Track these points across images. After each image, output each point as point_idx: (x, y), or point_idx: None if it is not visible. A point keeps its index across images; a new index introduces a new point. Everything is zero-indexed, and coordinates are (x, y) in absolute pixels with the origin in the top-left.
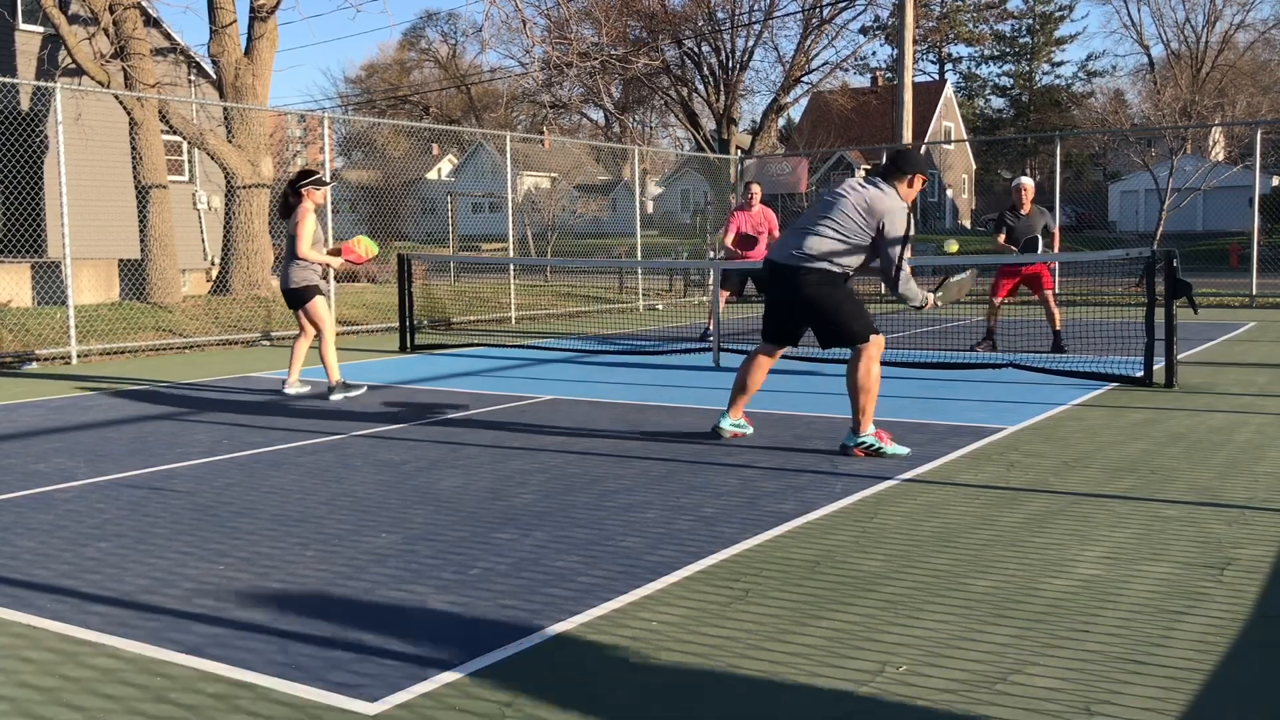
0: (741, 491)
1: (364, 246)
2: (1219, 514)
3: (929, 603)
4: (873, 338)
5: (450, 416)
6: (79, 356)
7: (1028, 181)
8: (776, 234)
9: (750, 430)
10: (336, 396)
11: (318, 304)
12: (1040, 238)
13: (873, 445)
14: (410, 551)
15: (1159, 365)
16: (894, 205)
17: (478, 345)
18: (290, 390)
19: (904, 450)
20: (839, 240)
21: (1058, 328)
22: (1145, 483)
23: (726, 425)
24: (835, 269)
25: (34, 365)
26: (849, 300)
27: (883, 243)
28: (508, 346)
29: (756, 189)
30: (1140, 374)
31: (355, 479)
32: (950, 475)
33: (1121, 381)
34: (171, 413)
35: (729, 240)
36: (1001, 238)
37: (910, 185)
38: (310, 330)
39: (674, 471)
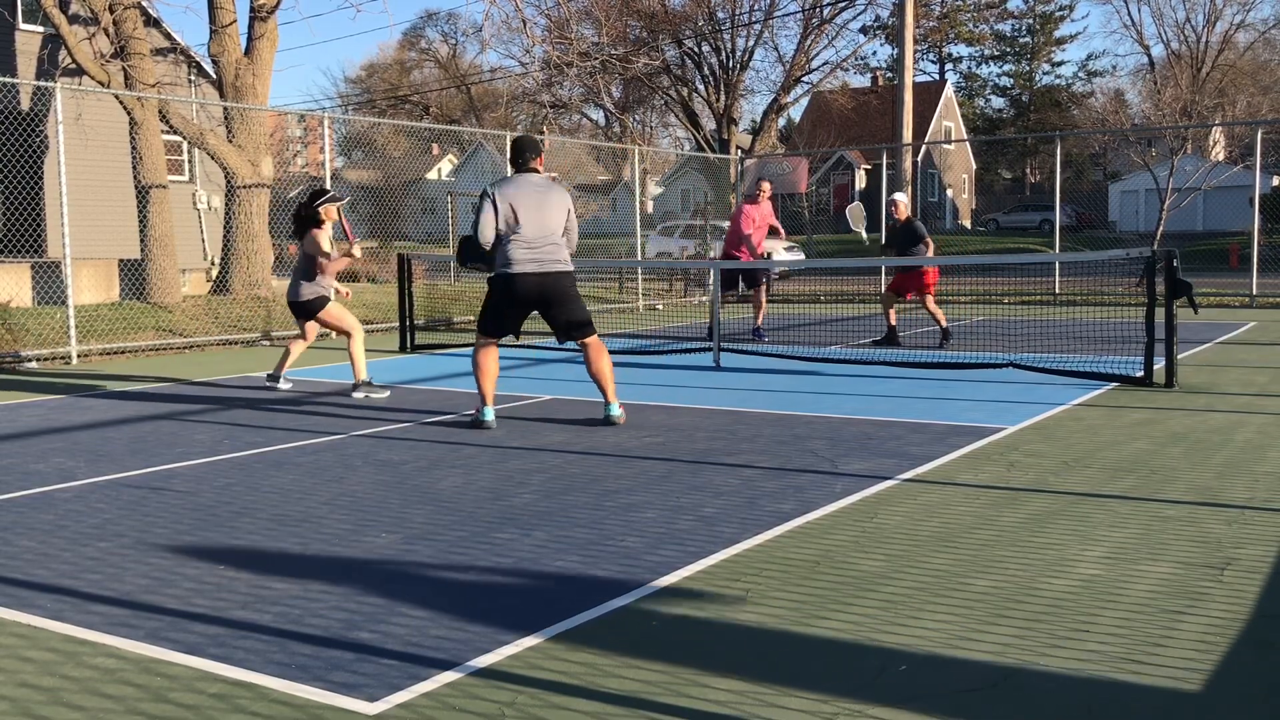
0: (741, 491)
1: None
2: (1219, 514)
3: (929, 603)
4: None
5: (450, 416)
6: (79, 356)
7: (897, 198)
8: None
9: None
10: (359, 394)
11: (333, 310)
12: (919, 246)
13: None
14: (410, 551)
15: (1159, 365)
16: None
17: None
18: (283, 386)
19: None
20: (565, 241)
21: (943, 325)
22: (1145, 483)
23: (491, 417)
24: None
25: (34, 365)
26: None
27: (571, 225)
28: (508, 346)
29: (767, 186)
30: (1140, 374)
31: (355, 479)
32: (950, 475)
33: (1121, 381)
34: (171, 413)
35: (744, 235)
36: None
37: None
38: (313, 336)
39: (674, 471)
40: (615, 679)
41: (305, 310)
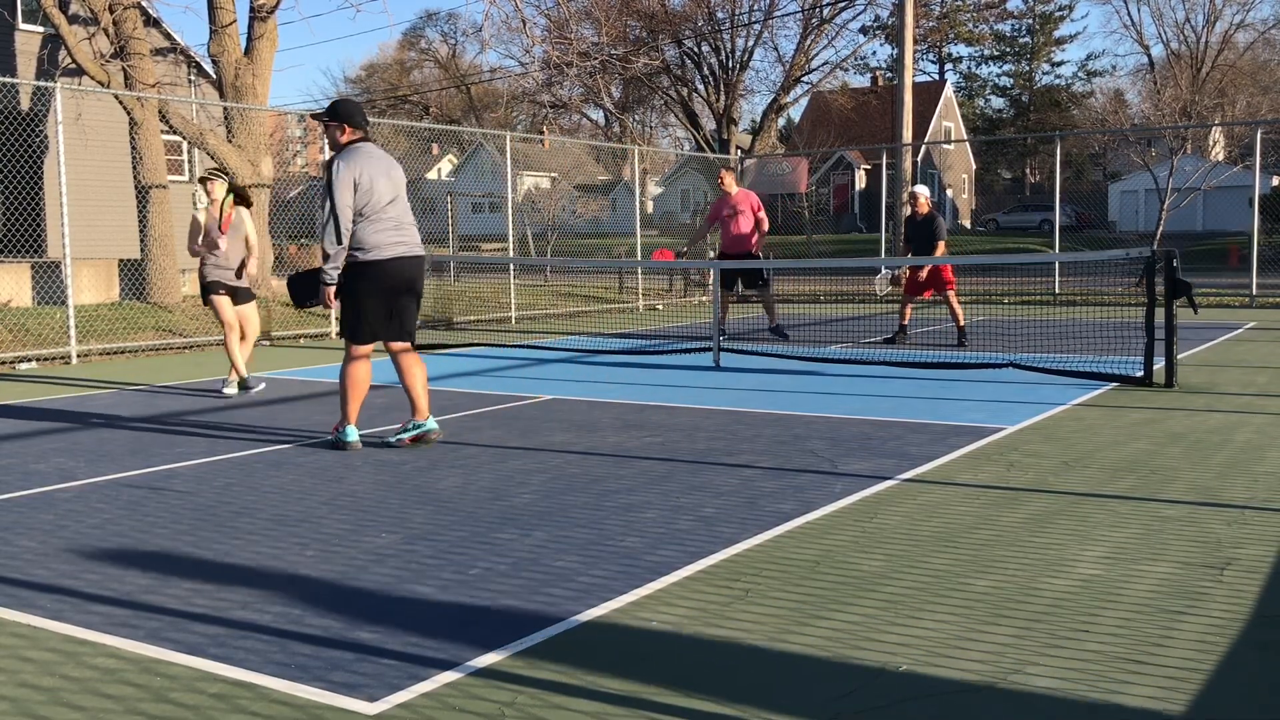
0: (741, 491)
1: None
2: (1219, 514)
3: (929, 603)
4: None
5: (450, 416)
6: (79, 356)
7: (918, 190)
8: (760, 215)
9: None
10: (230, 390)
11: (216, 303)
12: (934, 242)
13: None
14: (410, 551)
15: (1159, 365)
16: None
17: (478, 345)
18: (230, 391)
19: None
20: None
21: (960, 324)
22: (1145, 483)
23: (356, 437)
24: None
25: (33, 365)
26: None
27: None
28: (508, 346)
29: (725, 174)
30: (1140, 374)
31: (355, 479)
32: (950, 475)
33: (1121, 381)
34: (171, 413)
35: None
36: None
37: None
38: (234, 324)
39: (674, 471)
40: (615, 679)
41: (202, 291)
